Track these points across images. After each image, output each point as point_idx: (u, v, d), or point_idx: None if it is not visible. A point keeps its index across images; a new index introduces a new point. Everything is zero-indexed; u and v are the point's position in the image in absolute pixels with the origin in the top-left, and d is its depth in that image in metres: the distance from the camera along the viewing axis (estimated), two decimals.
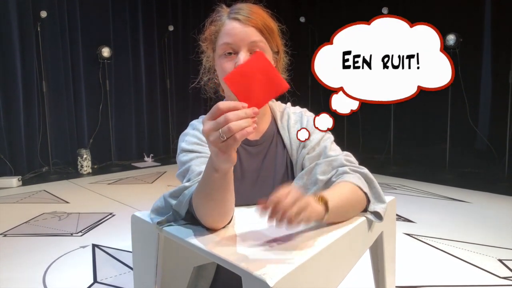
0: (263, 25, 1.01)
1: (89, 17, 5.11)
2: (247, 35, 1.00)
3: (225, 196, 0.84)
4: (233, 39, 1.00)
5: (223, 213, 0.88)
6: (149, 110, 5.79)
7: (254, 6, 1.04)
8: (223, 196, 0.83)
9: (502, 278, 2.10)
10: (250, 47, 1.00)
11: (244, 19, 1.00)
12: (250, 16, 1.01)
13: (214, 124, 0.70)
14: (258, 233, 0.89)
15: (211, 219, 0.88)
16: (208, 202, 0.84)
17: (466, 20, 4.74)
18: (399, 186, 4.03)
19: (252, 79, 0.71)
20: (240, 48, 1.00)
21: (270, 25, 1.04)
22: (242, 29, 1.00)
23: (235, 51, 1.01)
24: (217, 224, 0.90)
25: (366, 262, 1.15)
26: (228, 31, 1.01)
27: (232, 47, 1.00)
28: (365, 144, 5.64)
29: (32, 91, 4.69)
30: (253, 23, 1.00)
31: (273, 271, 0.68)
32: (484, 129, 4.74)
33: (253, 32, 1.00)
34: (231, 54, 1.01)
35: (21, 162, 4.65)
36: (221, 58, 1.03)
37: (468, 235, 2.69)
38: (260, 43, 1.01)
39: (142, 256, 1.05)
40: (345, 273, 0.90)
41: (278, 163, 1.11)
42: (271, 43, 1.04)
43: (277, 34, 1.07)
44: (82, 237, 2.79)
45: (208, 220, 0.89)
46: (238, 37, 0.99)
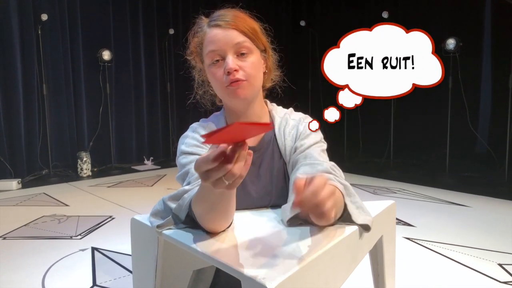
0: (245, 26, 1.02)
1: (89, 20, 5.12)
2: (230, 38, 1.00)
3: (229, 204, 0.84)
4: (217, 45, 1.00)
5: (224, 219, 0.88)
6: (149, 113, 5.79)
7: (232, 10, 1.05)
8: (226, 205, 0.83)
9: (502, 282, 2.10)
10: (236, 49, 1.01)
11: (224, 23, 1.01)
12: (229, 20, 1.01)
13: (213, 175, 0.66)
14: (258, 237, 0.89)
15: (212, 225, 0.88)
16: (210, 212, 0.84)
17: (466, 24, 4.75)
18: (399, 190, 4.03)
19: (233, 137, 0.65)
20: (226, 53, 1.00)
21: (252, 25, 1.04)
22: (224, 33, 1.00)
23: (222, 57, 1.01)
24: (217, 228, 0.90)
25: (366, 266, 1.15)
26: (211, 39, 1.01)
27: (218, 53, 1.01)
28: (365, 147, 5.64)
29: (32, 93, 4.69)
30: (233, 26, 1.01)
31: (272, 275, 0.68)
32: (484, 133, 4.74)
33: (236, 34, 1.00)
34: (219, 61, 1.01)
35: (21, 164, 4.65)
36: (211, 67, 1.03)
37: (468, 240, 2.68)
38: (245, 43, 1.01)
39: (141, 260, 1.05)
40: (345, 277, 0.90)
41: (274, 169, 1.11)
42: (256, 42, 1.04)
43: (260, 33, 1.07)
44: (81, 240, 2.79)
45: (208, 226, 0.89)
46: (222, 42, 1.00)
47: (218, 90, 1.06)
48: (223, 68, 1.00)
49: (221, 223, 0.88)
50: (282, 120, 1.14)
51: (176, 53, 5.86)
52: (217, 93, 1.08)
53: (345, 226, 0.91)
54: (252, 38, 1.03)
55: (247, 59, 1.02)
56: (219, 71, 1.01)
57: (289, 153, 1.10)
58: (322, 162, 1.02)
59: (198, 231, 0.90)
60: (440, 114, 4.67)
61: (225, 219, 0.87)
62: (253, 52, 1.03)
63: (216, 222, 0.87)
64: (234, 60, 1.00)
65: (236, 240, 0.87)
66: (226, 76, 1.00)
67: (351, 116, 5.42)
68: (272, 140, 1.13)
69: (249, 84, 1.02)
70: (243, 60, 1.01)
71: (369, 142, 5.64)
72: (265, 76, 1.12)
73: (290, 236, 0.88)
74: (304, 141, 1.08)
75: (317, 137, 1.10)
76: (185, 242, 0.85)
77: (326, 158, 1.07)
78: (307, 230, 0.90)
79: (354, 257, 0.94)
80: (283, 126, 1.12)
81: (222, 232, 0.91)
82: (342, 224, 0.92)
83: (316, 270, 0.77)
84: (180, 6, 5.92)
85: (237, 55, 1.01)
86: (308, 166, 1.02)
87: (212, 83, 1.06)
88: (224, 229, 0.91)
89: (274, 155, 1.12)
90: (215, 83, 1.05)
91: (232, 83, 1.00)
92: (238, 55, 1.01)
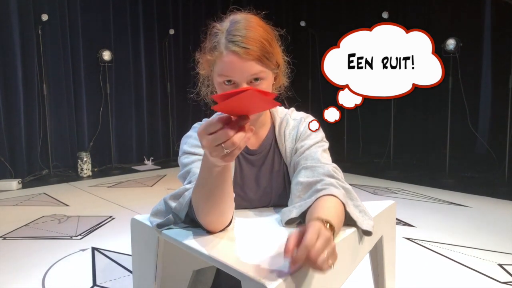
0: (263, 53, 0.97)
1: (90, 20, 5.12)
2: (247, 69, 0.96)
3: (224, 190, 0.83)
4: (232, 74, 0.96)
5: (222, 211, 0.87)
6: (149, 113, 5.79)
7: (251, 25, 0.98)
8: (221, 191, 0.83)
9: (502, 283, 2.10)
10: (250, 79, 0.97)
11: (243, 52, 0.94)
12: (249, 47, 0.95)
13: (214, 139, 0.69)
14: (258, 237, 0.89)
15: (209, 218, 0.88)
16: (208, 199, 0.84)
17: (466, 25, 4.76)
18: (399, 190, 4.03)
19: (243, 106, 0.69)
20: (240, 82, 0.97)
21: (269, 48, 0.99)
22: (241, 64, 0.95)
23: (234, 82, 0.98)
24: (215, 224, 0.89)
25: (366, 267, 1.15)
26: (227, 65, 0.96)
27: (231, 79, 0.97)
28: (365, 148, 5.64)
29: (32, 93, 4.70)
30: (252, 55, 0.95)
31: (272, 275, 0.68)
32: (484, 134, 4.74)
33: (252, 65, 0.96)
34: (231, 82, 0.98)
35: (21, 164, 4.65)
36: (221, 84, 1.00)
37: (468, 240, 2.68)
38: (260, 74, 0.97)
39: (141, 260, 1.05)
40: (345, 277, 0.90)
41: (275, 171, 1.11)
42: (270, 66, 1.00)
43: (276, 49, 1.03)
44: (81, 240, 2.79)
45: (206, 220, 0.89)
46: (237, 73, 0.96)
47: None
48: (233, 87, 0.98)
49: (218, 217, 0.88)
50: (282, 120, 1.13)
51: (176, 53, 5.87)
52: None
53: (345, 227, 0.91)
54: (267, 64, 0.98)
55: (259, 84, 0.99)
56: (229, 88, 0.98)
57: (290, 154, 1.09)
58: (323, 165, 1.01)
59: (198, 231, 0.90)
60: (440, 114, 4.67)
61: (222, 211, 0.87)
62: (266, 77, 1.00)
63: (212, 214, 0.87)
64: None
65: (236, 240, 0.87)
66: None
67: (351, 116, 5.41)
68: (272, 142, 1.13)
69: None
70: (255, 85, 0.98)
71: (369, 143, 5.64)
72: (273, 87, 1.09)
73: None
74: (305, 142, 1.07)
75: (317, 137, 1.09)
76: (185, 242, 0.85)
77: (327, 158, 1.07)
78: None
79: (354, 257, 0.94)
80: (284, 127, 1.12)
81: (222, 231, 0.91)
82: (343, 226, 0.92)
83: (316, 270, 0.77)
84: (180, 6, 5.92)
85: (250, 81, 0.98)
86: (309, 170, 1.01)
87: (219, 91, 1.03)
88: (222, 226, 0.91)
89: (275, 157, 1.12)
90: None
91: None
92: (251, 81, 0.98)
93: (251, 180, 1.11)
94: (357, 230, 0.92)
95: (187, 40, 5.94)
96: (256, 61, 0.96)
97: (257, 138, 1.12)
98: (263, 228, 0.94)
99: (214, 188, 0.82)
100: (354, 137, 5.58)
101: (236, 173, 1.10)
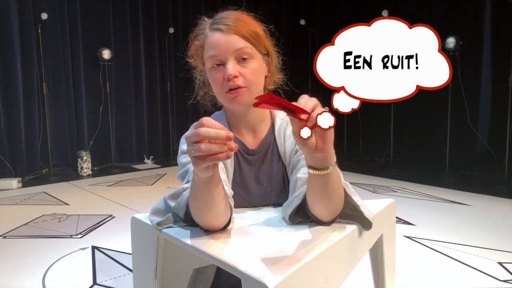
0: (247, 31, 1.00)
1: (89, 19, 5.12)
2: (231, 44, 0.98)
3: (214, 197, 0.82)
4: (218, 51, 0.99)
5: (216, 216, 0.87)
6: (149, 112, 5.79)
7: (235, 13, 1.03)
8: (211, 197, 0.82)
9: (502, 281, 2.10)
10: (236, 55, 0.99)
11: (225, 28, 0.98)
12: (231, 23, 0.99)
13: (192, 135, 0.71)
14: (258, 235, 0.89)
15: (205, 222, 0.88)
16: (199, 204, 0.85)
17: (466, 23, 4.75)
18: (399, 189, 4.03)
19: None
20: (227, 58, 0.99)
21: (255, 29, 1.02)
22: (225, 39, 0.98)
23: (222, 62, 1.00)
24: (212, 226, 0.89)
25: (366, 265, 1.15)
26: (212, 43, 1.00)
27: (219, 58, 0.99)
28: (365, 146, 5.64)
29: (32, 92, 4.70)
30: (235, 30, 0.98)
31: (272, 274, 0.68)
32: (484, 132, 4.74)
33: (237, 39, 0.98)
34: (220, 66, 1.00)
35: (21, 163, 4.65)
36: (211, 71, 1.02)
37: (468, 238, 2.68)
38: (246, 49, 0.99)
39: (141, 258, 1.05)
40: (345, 276, 0.90)
41: (273, 171, 1.11)
42: (257, 46, 1.02)
43: (264, 36, 1.05)
44: (81, 239, 2.79)
45: (203, 223, 0.89)
46: (222, 48, 0.98)
47: (217, 94, 1.05)
48: (223, 73, 0.99)
49: (213, 219, 0.88)
50: (282, 122, 1.13)
51: (177, 53, 5.86)
52: (217, 97, 1.08)
53: (345, 225, 0.91)
54: (254, 43, 1.01)
55: (248, 65, 1.00)
56: (219, 75, 1.00)
57: (289, 155, 1.09)
58: None
59: (198, 230, 0.90)
60: (440, 112, 4.67)
61: (215, 215, 0.87)
62: (254, 57, 1.01)
63: (207, 218, 0.87)
64: (235, 66, 0.99)
65: (236, 238, 0.87)
66: (225, 82, 0.99)
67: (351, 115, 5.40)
68: (271, 142, 1.13)
69: (249, 91, 1.01)
70: (244, 66, 1.00)
71: (369, 141, 5.64)
72: (267, 80, 1.10)
73: (291, 235, 0.88)
74: None
75: None
76: (185, 240, 0.85)
77: None
78: (307, 229, 0.90)
79: (354, 256, 0.94)
80: (283, 129, 1.11)
81: (221, 231, 0.91)
82: (342, 223, 0.92)
83: (316, 269, 0.77)
84: (180, 5, 5.92)
85: (238, 60, 0.99)
86: None
87: (213, 86, 1.06)
88: (219, 228, 0.90)
89: (274, 158, 1.12)
90: (215, 87, 1.04)
91: (231, 91, 1.00)
92: (239, 60, 0.99)
93: (251, 180, 1.11)
94: (358, 228, 0.92)
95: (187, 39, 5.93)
96: (240, 36, 0.98)
97: (256, 138, 1.12)
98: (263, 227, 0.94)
99: (205, 195, 0.82)
100: (354, 136, 5.58)
101: (236, 172, 1.10)
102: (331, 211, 0.89)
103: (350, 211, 0.92)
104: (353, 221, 0.92)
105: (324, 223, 0.92)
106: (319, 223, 0.92)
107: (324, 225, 0.92)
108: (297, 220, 0.94)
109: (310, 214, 0.92)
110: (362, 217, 0.90)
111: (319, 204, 0.88)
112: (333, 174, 0.81)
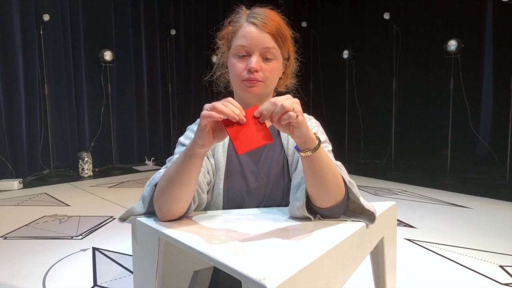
0: (278, 32, 1.06)
1: (91, 20, 5.13)
2: (262, 40, 1.04)
3: (187, 179, 0.90)
4: (248, 43, 1.05)
5: (178, 198, 0.92)
6: (150, 114, 5.80)
7: (271, 12, 1.09)
8: (184, 178, 0.89)
9: (503, 284, 2.09)
10: (262, 52, 1.05)
11: (261, 24, 1.05)
12: (267, 22, 1.05)
13: (219, 101, 0.81)
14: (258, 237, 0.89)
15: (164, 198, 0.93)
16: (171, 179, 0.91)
17: (467, 26, 4.76)
18: (400, 191, 4.03)
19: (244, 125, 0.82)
20: (253, 52, 1.05)
21: (284, 32, 1.08)
22: (258, 34, 1.04)
23: (248, 54, 1.06)
24: (167, 208, 0.94)
25: (367, 268, 1.15)
26: (244, 34, 1.06)
27: (246, 49, 1.05)
28: (366, 149, 5.64)
29: (34, 94, 4.71)
30: (268, 29, 1.05)
31: (273, 276, 0.68)
32: (486, 135, 4.74)
33: (268, 38, 1.05)
34: (244, 56, 1.06)
35: (22, 164, 4.66)
36: (235, 58, 1.07)
37: (469, 241, 2.68)
38: (272, 50, 1.05)
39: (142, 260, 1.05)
40: (346, 279, 0.90)
41: (274, 163, 1.13)
42: (282, 49, 1.08)
43: (289, 41, 1.11)
44: (82, 240, 2.79)
45: (161, 199, 0.94)
46: (253, 41, 1.04)
47: (234, 80, 1.10)
48: (245, 63, 1.06)
49: (172, 200, 0.93)
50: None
51: (178, 54, 5.87)
52: (232, 82, 1.13)
53: (347, 227, 0.91)
54: (280, 45, 1.07)
55: (269, 63, 1.06)
56: (241, 65, 1.06)
57: (292, 152, 1.12)
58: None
59: (199, 231, 0.90)
60: (442, 115, 4.67)
61: (177, 197, 0.92)
62: (277, 58, 1.07)
63: (168, 195, 0.92)
64: (258, 61, 1.05)
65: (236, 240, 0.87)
66: (247, 72, 1.05)
67: (352, 117, 5.41)
68: (275, 134, 1.15)
69: (264, 85, 1.08)
70: (266, 63, 1.06)
71: (370, 144, 5.64)
72: (280, 82, 1.16)
73: (291, 236, 0.88)
74: None
75: (322, 138, 1.11)
76: (186, 242, 0.85)
77: (332, 158, 1.08)
78: (308, 231, 0.90)
79: (355, 258, 0.94)
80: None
81: (222, 232, 0.91)
82: (344, 225, 0.92)
83: (317, 271, 0.77)
84: (181, 6, 5.93)
85: (262, 57, 1.06)
86: None
87: (231, 72, 1.11)
88: (174, 214, 0.95)
89: (276, 148, 1.14)
90: (233, 73, 1.09)
91: (249, 80, 1.06)
92: (263, 57, 1.06)
93: (251, 173, 1.12)
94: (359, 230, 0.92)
95: (189, 41, 5.95)
96: (272, 36, 1.05)
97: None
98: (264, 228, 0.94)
99: (183, 169, 0.88)
100: (355, 138, 5.59)
101: (236, 165, 1.12)
102: (327, 196, 0.93)
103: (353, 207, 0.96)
104: (357, 218, 0.96)
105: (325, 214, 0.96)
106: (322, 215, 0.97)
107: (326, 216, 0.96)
108: (305, 214, 0.95)
109: (313, 206, 0.96)
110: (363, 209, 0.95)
111: (313, 187, 0.92)
112: (317, 156, 0.88)
